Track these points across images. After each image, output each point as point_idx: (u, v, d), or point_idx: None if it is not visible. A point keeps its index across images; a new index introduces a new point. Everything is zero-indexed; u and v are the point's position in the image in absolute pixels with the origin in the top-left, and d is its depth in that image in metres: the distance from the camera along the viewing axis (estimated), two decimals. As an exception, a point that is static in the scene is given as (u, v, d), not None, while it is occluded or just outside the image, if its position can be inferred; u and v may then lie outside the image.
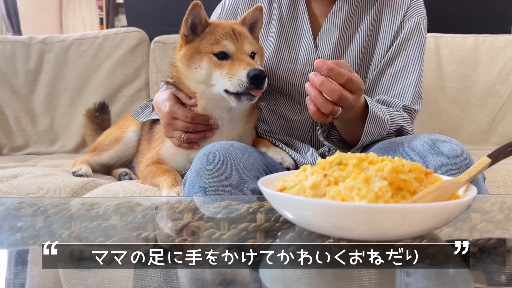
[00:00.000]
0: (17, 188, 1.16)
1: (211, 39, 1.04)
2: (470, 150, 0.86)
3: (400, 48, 1.07)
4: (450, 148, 0.82)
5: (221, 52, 1.03)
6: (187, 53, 1.07)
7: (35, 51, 1.90)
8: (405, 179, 0.48)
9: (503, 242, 0.52)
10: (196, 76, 1.06)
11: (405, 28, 1.07)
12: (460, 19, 2.10)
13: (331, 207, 0.44)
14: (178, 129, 1.08)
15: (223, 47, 1.03)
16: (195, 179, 0.87)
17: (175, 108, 1.06)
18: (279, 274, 0.45)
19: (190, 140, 1.08)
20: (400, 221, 0.44)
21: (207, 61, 1.03)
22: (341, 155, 0.51)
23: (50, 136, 1.86)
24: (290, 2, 1.14)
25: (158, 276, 0.44)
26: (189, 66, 1.06)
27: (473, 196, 0.47)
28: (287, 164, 1.05)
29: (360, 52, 1.08)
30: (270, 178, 0.57)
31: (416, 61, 1.06)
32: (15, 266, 0.48)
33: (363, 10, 1.09)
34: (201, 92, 1.07)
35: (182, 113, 1.06)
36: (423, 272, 0.44)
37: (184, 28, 1.06)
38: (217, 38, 1.04)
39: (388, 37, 1.07)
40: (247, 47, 1.05)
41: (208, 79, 1.04)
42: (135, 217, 0.59)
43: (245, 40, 1.06)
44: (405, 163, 0.50)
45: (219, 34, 1.04)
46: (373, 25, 1.08)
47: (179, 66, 1.09)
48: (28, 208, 0.63)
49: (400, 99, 1.03)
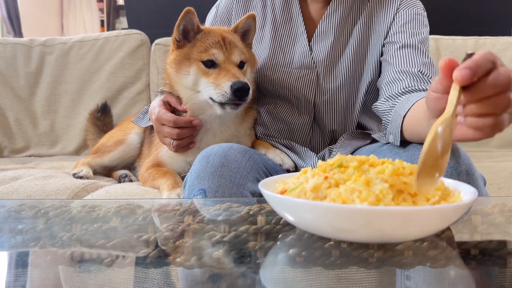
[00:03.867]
0: (18, 190, 1.16)
1: (201, 47, 1.06)
2: (471, 152, 0.86)
3: (398, 31, 1.04)
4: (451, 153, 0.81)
5: (209, 60, 1.04)
6: (177, 59, 1.08)
7: (36, 53, 1.91)
8: (406, 181, 0.48)
9: (504, 245, 0.52)
10: (184, 82, 1.07)
11: (400, 18, 1.05)
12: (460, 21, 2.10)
13: (332, 210, 0.44)
14: (166, 136, 1.08)
15: (211, 56, 1.04)
16: (195, 181, 0.87)
17: (161, 114, 1.06)
18: (279, 276, 0.45)
19: (180, 145, 1.08)
20: (401, 224, 0.44)
21: (195, 68, 1.05)
22: (342, 158, 0.51)
23: (51, 138, 1.86)
24: (283, 5, 1.14)
25: (159, 279, 0.44)
26: (178, 71, 1.08)
27: (474, 199, 0.47)
28: (287, 166, 1.05)
29: (355, 53, 1.08)
30: (271, 180, 0.58)
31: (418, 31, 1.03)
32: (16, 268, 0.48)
33: (357, 11, 1.09)
34: (187, 98, 1.08)
35: (166, 118, 1.05)
36: (424, 275, 0.44)
37: (176, 33, 1.08)
38: (206, 46, 1.05)
39: (382, 34, 1.07)
40: (236, 57, 1.06)
41: (195, 85, 1.06)
42: (135, 219, 0.59)
43: (235, 49, 1.07)
44: (406, 166, 0.50)
45: (209, 42, 1.06)
46: (367, 25, 1.08)
47: (169, 70, 1.11)
48: (29, 210, 0.63)
49: (412, 66, 0.99)
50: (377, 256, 0.46)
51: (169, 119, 1.04)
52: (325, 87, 1.08)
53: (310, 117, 1.11)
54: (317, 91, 1.08)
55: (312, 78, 1.08)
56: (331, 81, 1.08)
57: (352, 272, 0.44)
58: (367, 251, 0.46)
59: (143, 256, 0.48)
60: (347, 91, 1.08)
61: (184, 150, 1.11)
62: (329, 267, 0.44)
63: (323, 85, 1.08)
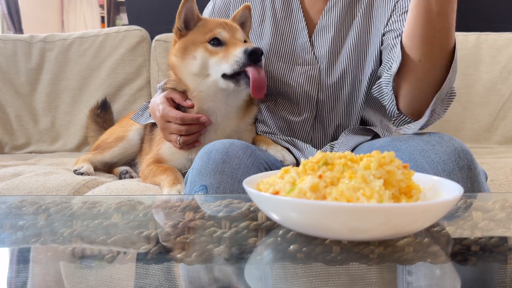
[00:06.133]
0: (18, 186, 1.16)
1: (205, 30, 1.07)
2: (472, 148, 0.86)
3: (398, 19, 1.02)
4: (453, 148, 0.81)
5: (215, 38, 1.05)
6: (182, 46, 1.08)
7: (36, 49, 1.91)
8: (390, 170, 0.48)
9: (504, 241, 0.52)
10: (191, 68, 1.07)
11: (401, 7, 1.03)
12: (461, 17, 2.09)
13: (350, 210, 0.42)
14: (173, 132, 1.07)
15: (217, 34, 1.05)
16: (196, 177, 0.87)
17: (166, 111, 1.06)
18: (280, 272, 0.45)
19: (186, 142, 1.07)
20: (416, 218, 0.45)
21: (202, 50, 1.05)
22: (325, 155, 0.50)
23: (52, 134, 1.87)
24: (283, 0, 1.13)
25: (160, 275, 0.44)
26: (184, 58, 1.07)
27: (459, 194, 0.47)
28: (288, 163, 1.05)
29: (356, 45, 1.07)
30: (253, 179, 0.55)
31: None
32: (17, 264, 0.48)
33: (355, 4, 1.09)
34: (196, 85, 1.07)
35: (173, 115, 1.05)
36: (425, 271, 0.44)
37: (178, 22, 1.09)
38: (210, 27, 1.06)
39: (383, 24, 1.05)
40: (240, 35, 1.07)
41: (203, 69, 1.05)
42: (136, 216, 0.59)
43: (237, 29, 1.08)
44: (385, 155, 0.49)
45: (211, 25, 1.07)
46: (367, 16, 1.07)
47: (174, 61, 1.10)
48: (30, 207, 0.63)
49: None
50: (378, 252, 0.46)
51: (176, 116, 1.04)
52: (328, 82, 1.08)
53: (312, 114, 1.10)
54: (320, 87, 1.08)
55: (315, 74, 1.08)
56: (333, 75, 1.07)
57: (353, 268, 0.44)
58: (368, 247, 0.46)
59: (144, 252, 0.48)
60: (350, 84, 1.08)
61: (189, 147, 1.10)
62: (330, 263, 0.44)
63: (325, 80, 1.08)
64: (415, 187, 0.51)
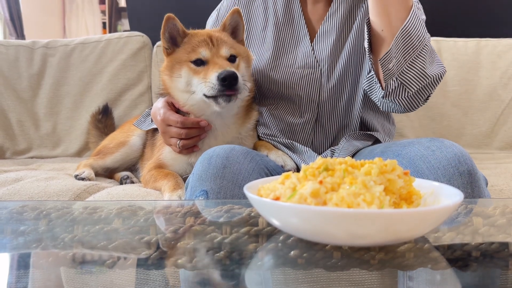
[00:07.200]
0: (19, 191, 1.16)
1: (188, 48, 1.08)
2: (472, 154, 0.86)
3: None
4: (453, 153, 0.81)
5: (197, 59, 1.06)
6: (169, 64, 1.11)
7: (38, 55, 1.91)
8: (391, 178, 0.48)
9: (505, 246, 0.52)
10: (178, 85, 1.09)
11: None
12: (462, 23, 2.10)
13: (353, 216, 0.42)
14: (173, 136, 1.08)
15: (198, 54, 1.06)
16: (197, 183, 0.87)
17: (167, 115, 1.08)
18: (281, 278, 0.45)
19: (186, 146, 1.09)
20: (416, 224, 0.45)
21: (186, 69, 1.07)
22: (325, 161, 0.51)
23: (53, 139, 1.87)
24: (285, 7, 1.14)
25: (160, 280, 0.44)
26: (171, 76, 1.10)
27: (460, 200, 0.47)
28: (288, 167, 1.05)
29: (354, 47, 1.08)
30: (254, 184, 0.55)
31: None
32: (18, 270, 0.48)
33: (356, 6, 1.10)
34: (184, 101, 1.09)
35: (173, 119, 1.07)
36: (426, 277, 0.44)
37: (163, 42, 1.11)
38: (193, 46, 1.07)
39: None
40: (224, 51, 1.07)
41: (188, 86, 1.07)
42: (137, 221, 0.59)
43: (223, 44, 1.08)
44: (387, 163, 0.50)
45: (195, 42, 1.08)
46: (365, 19, 1.08)
47: (164, 78, 1.14)
48: (31, 212, 0.63)
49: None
50: (379, 258, 0.46)
51: (176, 119, 1.06)
52: (329, 84, 1.09)
53: (313, 115, 1.11)
54: (321, 89, 1.09)
55: (316, 76, 1.09)
56: (334, 77, 1.09)
57: (354, 274, 0.44)
58: (369, 253, 0.46)
59: (144, 257, 0.48)
60: (350, 85, 1.09)
61: (189, 151, 1.11)
62: (331, 269, 0.44)
63: (326, 82, 1.09)
64: (415, 193, 0.51)
